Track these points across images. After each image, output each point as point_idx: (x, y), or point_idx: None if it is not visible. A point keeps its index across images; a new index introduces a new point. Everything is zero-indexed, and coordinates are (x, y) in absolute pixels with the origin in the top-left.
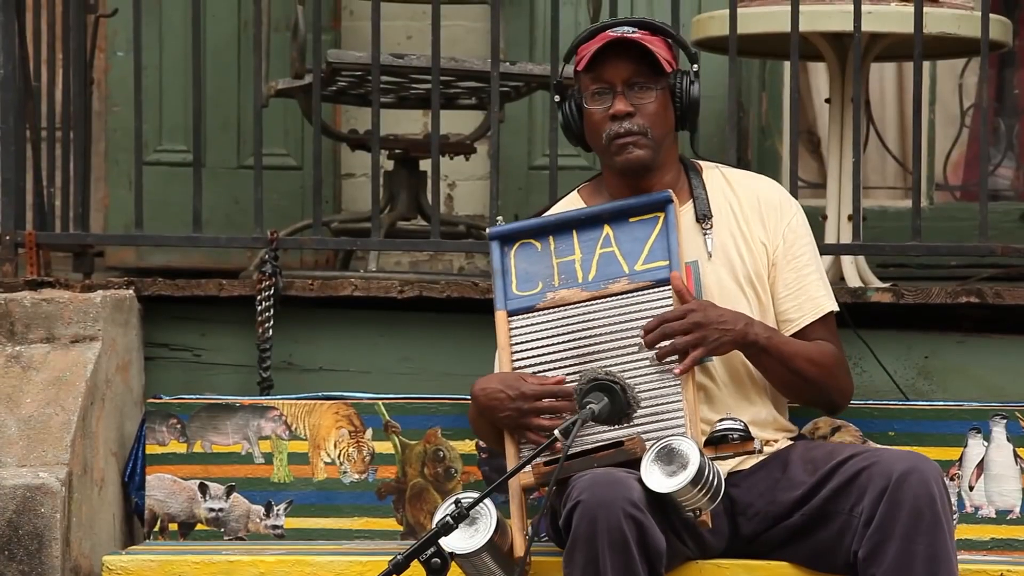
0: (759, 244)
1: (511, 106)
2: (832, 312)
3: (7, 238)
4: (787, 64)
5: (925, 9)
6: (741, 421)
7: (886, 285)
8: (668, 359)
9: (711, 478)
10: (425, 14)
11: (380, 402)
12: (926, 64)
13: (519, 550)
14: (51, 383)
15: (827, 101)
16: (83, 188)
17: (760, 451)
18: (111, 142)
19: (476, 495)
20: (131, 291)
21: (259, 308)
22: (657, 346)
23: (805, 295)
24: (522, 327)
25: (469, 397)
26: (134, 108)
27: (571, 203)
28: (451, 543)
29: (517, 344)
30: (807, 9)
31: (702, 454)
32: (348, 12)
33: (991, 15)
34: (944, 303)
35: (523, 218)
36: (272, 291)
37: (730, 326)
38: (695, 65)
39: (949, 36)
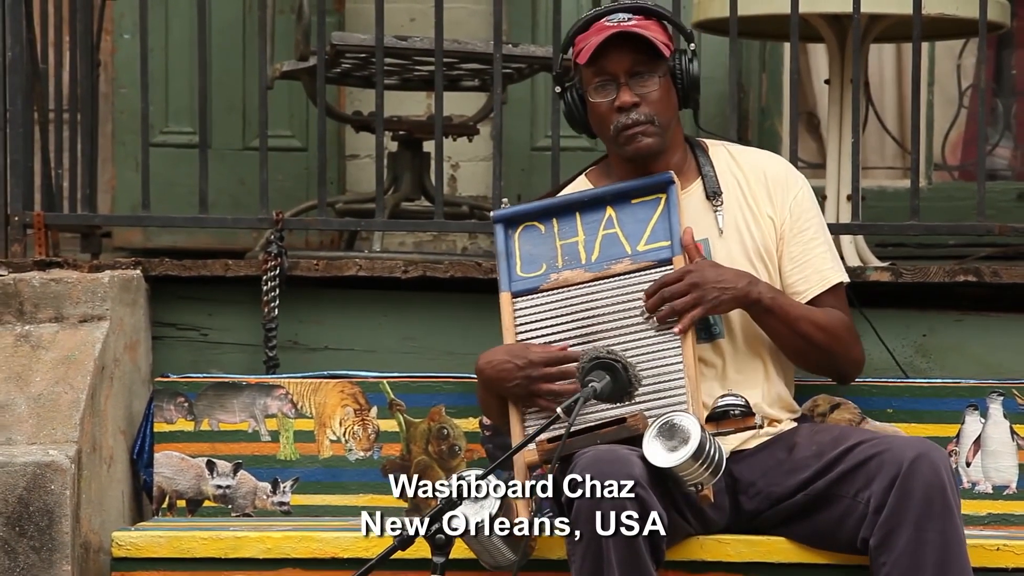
0: (767, 219)
1: (514, 88)
2: (841, 283)
3: (16, 219)
4: (787, 45)
5: None
6: (742, 397)
7: (885, 264)
8: (669, 320)
9: (712, 453)
10: None
11: (385, 381)
12: (925, 45)
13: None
14: (60, 362)
15: (827, 82)
16: (90, 169)
17: (760, 427)
18: (118, 124)
19: (480, 472)
20: (138, 271)
21: (265, 288)
22: (656, 310)
23: (811, 267)
24: (526, 308)
25: (473, 376)
26: (140, 90)
27: (579, 186)
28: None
29: (522, 325)
30: None
31: (703, 429)
32: None
33: None
34: (942, 282)
35: (526, 200)
36: (278, 271)
37: (730, 284)
38: (691, 44)
39: (947, 17)
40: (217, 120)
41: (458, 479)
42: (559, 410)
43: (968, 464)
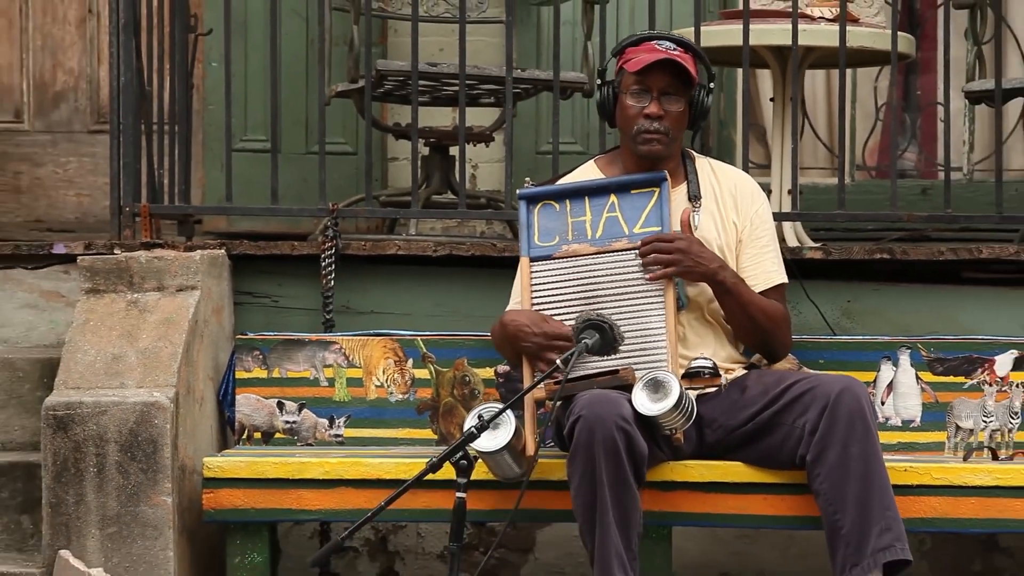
0: (731, 223)
1: (521, 104)
2: (783, 284)
3: (127, 209)
4: (740, 71)
5: (848, 28)
6: (712, 361)
7: (817, 245)
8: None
9: (687, 405)
10: (453, 31)
11: (419, 338)
12: (849, 71)
13: (530, 450)
14: (162, 323)
15: (771, 100)
16: (185, 170)
17: (725, 386)
18: (207, 134)
19: (497, 406)
20: (223, 251)
21: (323, 264)
22: (646, 256)
23: (761, 268)
24: (541, 271)
25: (490, 334)
26: (225, 107)
27: (588, 171)
28: (478, 444)
29: (536, 285)
30: (756, 27)
31: (681, 386)
32: (393, 30)
33: (899, 33)
34: (863, 259)
35: (536, 185)
36: (333, 251)
37: (705, 263)
38: (712, 82)
39: (867, 49)
40: (285, 130)
41: (478, 414)
42: (559, 361)
43: (883, 403)
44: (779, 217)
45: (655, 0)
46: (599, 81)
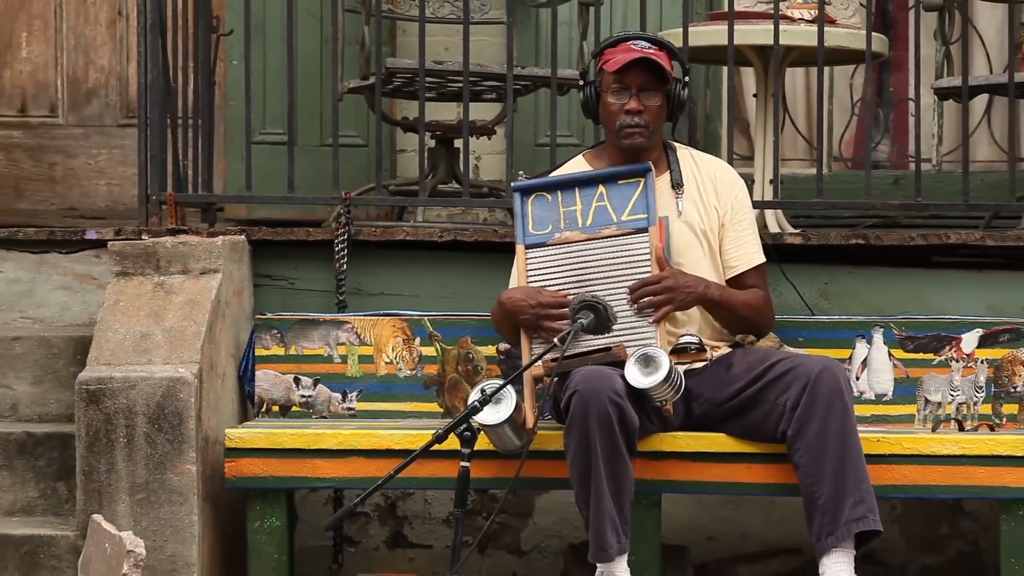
0: (713, 209)
1: (521, 99)
2: (762, 263)
3: (154, 198)
4: (725, 68)
5: (825, 28)
6: (698, 337)
7: (797, 231)
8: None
9: (675, 379)
10: (458, 32)
11: (425, 318)
12: (826, 68)
13: (530, 422)
14: (186, 303)
15: (754, 96)
16: (208, 161)
17: (711, 359)
18: (228, 128)
19: (499, 382)
20: (243, 236)
21: (336, 249)
22: (639, 301)
23: (742, 250)
24: (536, 258)
25: (490, 315)
26: (245, 103)
27: (577, 164)
28: (481, 418)
29: (531, 270)
30: (740, 28)
31: (671, 361)
32: (401, 30)
33: (873, 33)
34: (839, 244)
35: (529, 178)
36: (346, 236)
37: (692, 289)
38: (687, 76)
39: (843, 48)
40: (301, 124)
41: (481, 389)
42: (556, 340)
43: (857, 379)
44: (761, 205)
45: (646, 2)
46: (581, 82)
